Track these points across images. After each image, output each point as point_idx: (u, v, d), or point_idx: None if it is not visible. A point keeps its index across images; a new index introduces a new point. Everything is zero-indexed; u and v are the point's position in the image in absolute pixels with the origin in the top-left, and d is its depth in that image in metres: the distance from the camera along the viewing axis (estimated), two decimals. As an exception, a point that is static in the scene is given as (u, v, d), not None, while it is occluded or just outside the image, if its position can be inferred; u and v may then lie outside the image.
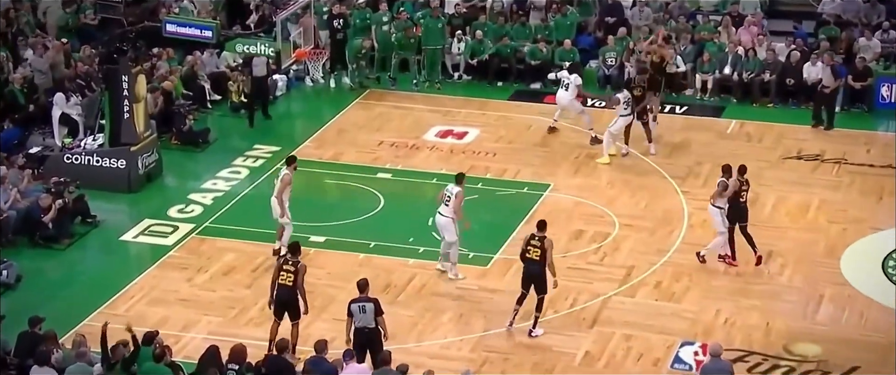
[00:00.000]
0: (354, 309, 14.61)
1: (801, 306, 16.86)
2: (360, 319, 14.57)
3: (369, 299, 14.67)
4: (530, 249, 15.70)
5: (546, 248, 15.65)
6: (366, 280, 14.93)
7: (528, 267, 15.78)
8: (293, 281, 15.12)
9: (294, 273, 15.11)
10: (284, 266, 15.18)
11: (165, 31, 20.31)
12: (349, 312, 14.65)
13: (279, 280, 15.20)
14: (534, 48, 25.16)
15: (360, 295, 14.73)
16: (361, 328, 14.59)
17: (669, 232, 18.86)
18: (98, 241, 18.92)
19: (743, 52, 24.56)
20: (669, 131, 22.78)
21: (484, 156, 21.76)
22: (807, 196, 20.07)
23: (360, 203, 19.87)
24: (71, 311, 16.52)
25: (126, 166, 20.30)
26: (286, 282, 15.15)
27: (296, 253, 15.37)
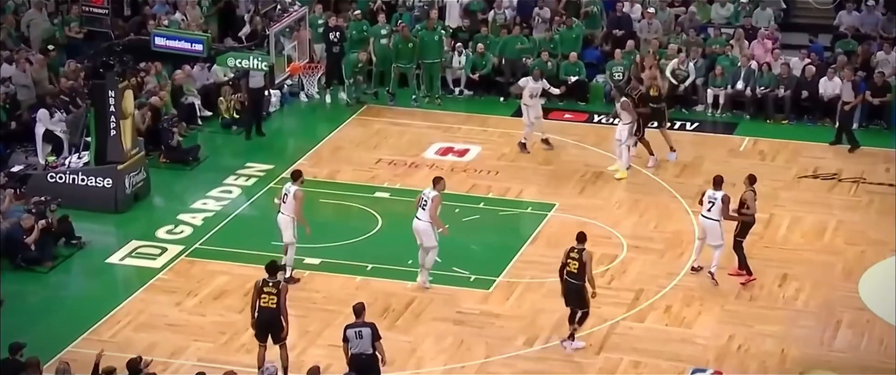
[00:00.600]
0: (351, 334, 14.58)
1: (818, 332, 16.82)
2: (356, 345, 14.54)
3: (366, 324, 14.64)
4: (570, 263, 15.92)
5: (585, 261, 15.81)
6: (362, 304, 14.91)
7: (568, 281, 15.98)
8: (276, 303, 15.10)
9: (276, 294, 15.11)
10: (264, 287, 15.17)
11: (154, 45, 20.30)
12: (345, 337, 14.62)
13: (260, 302, 15.17)
14: (538, 61, 25.18)
15: (357, 319, 14.71)
16: (358, 354, 14.56)
17: (679, 254, 18.83)
18: (83, 264, 18.90)
19: (756, 66, 24.59)
20: (679, 148, 22.76)
21: (486, 175, 21.76)
22: (823, 216, 20.05)
23: (357, 223, 19.85)
24: (54, 337, 16.47)
25: (112, 185, 20.29)
26: (268, 305, 15.13)
27: (274, 274, 15.35)
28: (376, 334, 14.55)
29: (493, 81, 25.47)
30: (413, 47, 24.81)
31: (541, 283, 17.89)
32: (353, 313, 14.83)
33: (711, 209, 17.77)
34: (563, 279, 15.99)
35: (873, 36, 25.49)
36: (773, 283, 17.98)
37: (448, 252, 18.80)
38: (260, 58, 20.54)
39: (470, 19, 26.47)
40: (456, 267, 18.40)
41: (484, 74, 25.47)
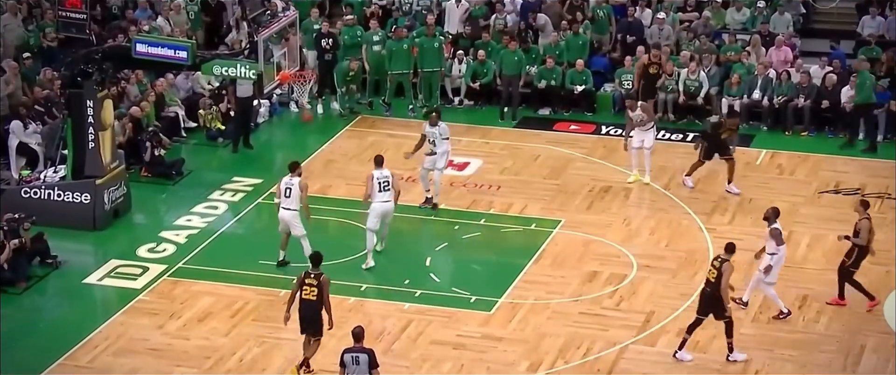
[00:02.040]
0: (348, 359, 14.59)
1: (841, 357, 16.83)
2: (353, 370, 14.54)
3: (364, 349, 14.65)
4: (711, 270, 16.44)
5: (723, 271, 16.19)
6: (361, 328, 14.91)
7: (705, 290, 16.47)
8: (317, 295, 15.57)
9: (317, 286, 15.59)
10: (306, 279, 15.67)
11: (135, 52, 20.34)
12: (342, 363, 14.62)
13: (302, 294, 15.68)
14: (542, 70, 25.24)
15: (355, 343, 14.70)
16: None
17: (693, 274, 18.85)
18: (59, 285, 18.89)
19: (774, 74, 24.64)
20: (691, 163, 22.79)
21: (487, 190, 21.78)
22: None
23: (350, 241, 19.86)
24: (28, 363, 16.46)
25: (91, 201, 20.30)
26: (310, 297, 15.65)
27: (317, 265, 15.84)
28: (374, 361, 14.56)
29: (495, 90, 25.50)
30: (409, 51, 24.85)
31: (545, 305, 17.90)
32: (349, 336, 14.81)
33: None
34: (703, 287, 16.59)
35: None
36: (793, 305, 17.98)
37: (448, 271, 18.85)
38: (248, 66, 20.58)
39: (471, 25, 26.52)
40: (456, 288, 18.42)
41: (484, 83, 25.53)
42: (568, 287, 18.45)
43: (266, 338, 17.19)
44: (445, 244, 19.90)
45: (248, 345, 17.01)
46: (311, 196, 20.56)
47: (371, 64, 25.15)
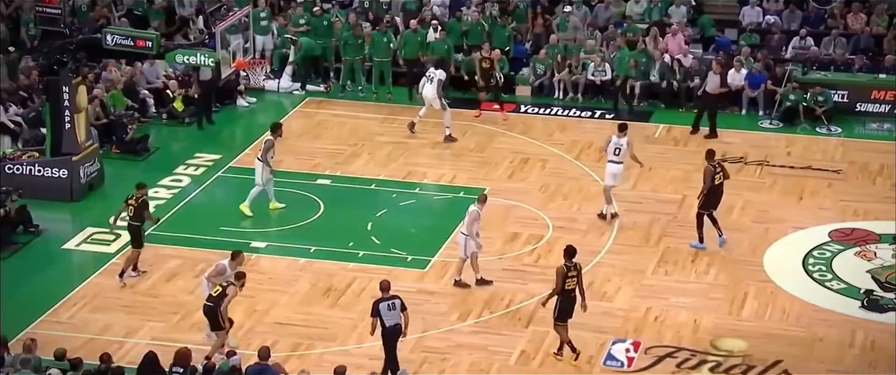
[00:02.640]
0: (383, 306, 14.68)
1: (727, 303, 17.08)
2: (390, 317, 14.65)
3: (396, 296, 14.78)
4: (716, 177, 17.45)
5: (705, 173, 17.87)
6: (388, 281, 14.98)
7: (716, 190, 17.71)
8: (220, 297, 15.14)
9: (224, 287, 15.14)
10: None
11: (106, 43, 20.03)
12: (376, 311, 14.65)
13: None
14: (468, 60, 25.15)
15: (385, 294, 14.79)
16: (394, 325, 14.68)
17: (600, 234, 18.99)
18: (41, 250, 18.62)
19: (669, 59, 24.80)
20: (600, 137, 22.92)
21: (421, 162, 21.74)
22: (731, 197, 20.25)
23: (300, 209, 19.76)
24: (14, 320, 16.21)
25: (68, 176, 20.00)
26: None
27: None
28: (404, 305, 14.74)
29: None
30: (362, 41, 24.67)
31: (473, 262, 17.92)
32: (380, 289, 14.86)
33: (619, 153, 18.57)
34: None
35: (774, 31, 25.82)
36: (686, 259, 18.21)
37: (386, 234, 18.84)
38: (207, 54, 20.35)
39: (404, 15, 26.37)
40: (394, 249, 18.41)
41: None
42: (492, 246, 18.51)
43: (227, 295, 17.04)
44: (385, 210, 19.88)
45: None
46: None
47: (303, 47, 25.00)
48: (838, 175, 21.23)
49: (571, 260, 15.39)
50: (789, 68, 24.34)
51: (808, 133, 23.14)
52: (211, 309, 15.13)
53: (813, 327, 16.49)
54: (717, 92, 22.86)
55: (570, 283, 15.30)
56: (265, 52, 25.72)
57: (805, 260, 18.23)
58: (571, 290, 15.34)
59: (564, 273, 15.27)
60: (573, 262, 15.39)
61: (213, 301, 15.13)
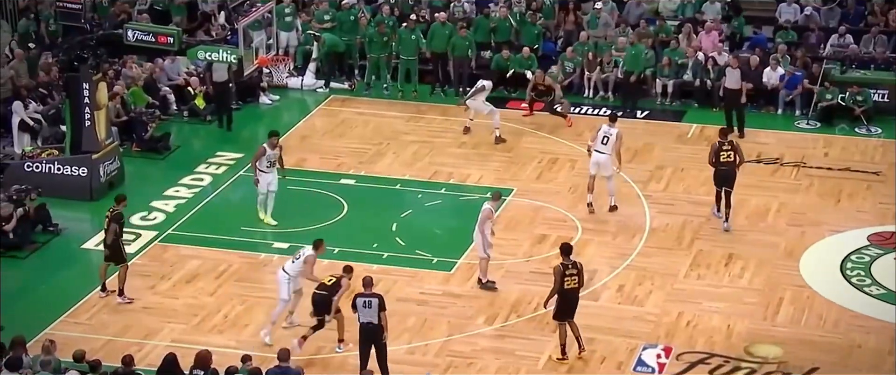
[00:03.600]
0: (360, 302, 14.78)
1: (762, 308, 17.01)
2: (364, 314, 14.73)
3: (375, 295, 14.84)
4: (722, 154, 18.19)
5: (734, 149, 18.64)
6: (371, 277, 15.10)
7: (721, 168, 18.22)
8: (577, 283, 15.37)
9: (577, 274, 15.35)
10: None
11: (127, 39, 20.17)
12: (354, 305, 14.80)
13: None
14: (498, 57, 25.20)
15: (365, 290, 14.87)
16: (366, 323, 14.77)
17: (631, 236, 18.96)
18: (60, 250, 18.77)
19: (703, 57, 24.72)
20: (631, 136, 22.89)
21: (447, 162, 21.77)
22: (767, 199, 20.24)
23: (323, 209, 19.83)
24: (32, 320, 16.36)
25: (87, 174, 20.15)
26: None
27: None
28: (382, 305, 14.72)
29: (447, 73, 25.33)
30: (387, 39, 24.72)
31: (499, 265, 17.95)
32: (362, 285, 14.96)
33: (607, 143, 18.81)
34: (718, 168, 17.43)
35: (812, 27, 25.69)
36: (719, 262, 18.16)
37: (411, 235, 18.87)
38: (229, 51, 20.44)
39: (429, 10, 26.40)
40: (419, 250, 18.45)
41: None
42: (520, 248, 18.53)
43: (248, 297, 17.17)
44: (410, 211, 19.92)
45: (232, 303, 16.99)
46: (289, 169, 20.55)
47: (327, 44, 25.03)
48: (878, 177, 21.10)
49: (569, 258, 15.39)
50: (827, 67, 24.21)
51: (846, 133, 23.02)
52: (324, 297, 15.27)
53: (850, 333, 16.41)
54: (738, 87, 22.77)
55: (569, 281, 15.29)
56: (289, 49, 25.82)
57: (843, 265, 18.13)
58: (572, 289, 15.32)
59: (562, 271, 15.29)
60: (571, 260, 15.38)
61: (326, 289, 15.30)
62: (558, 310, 15.44)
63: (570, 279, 15.29)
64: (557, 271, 15.34)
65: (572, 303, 15.44)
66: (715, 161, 18.82)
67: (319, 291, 15.45)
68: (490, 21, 25.89)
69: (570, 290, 15.32)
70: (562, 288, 15.28)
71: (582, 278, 15.45)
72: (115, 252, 16.80)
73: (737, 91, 22.81)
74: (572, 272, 15.32)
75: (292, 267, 15.99)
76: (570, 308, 15.43)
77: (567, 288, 15.29)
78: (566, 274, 15.27)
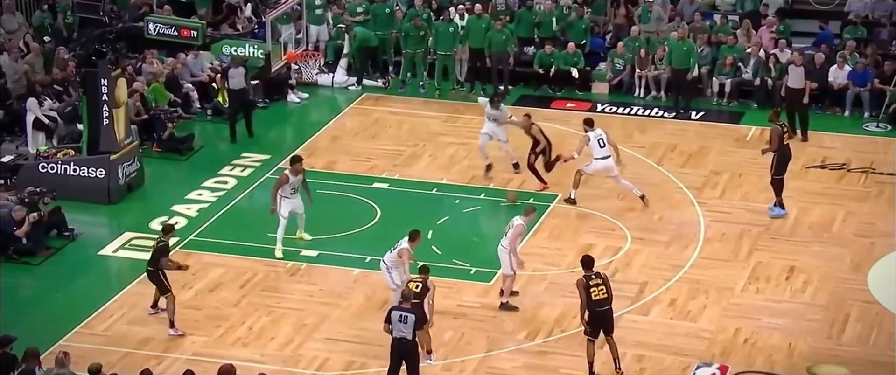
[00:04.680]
0: (395, 316, 14.73)
1: (826, 325, 16.85)
2: (398, 329, 14.69)
3: (412, 310, 14.80)
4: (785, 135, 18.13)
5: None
6: (411, 290, 15.16)
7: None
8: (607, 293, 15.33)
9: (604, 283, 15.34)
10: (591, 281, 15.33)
11: (148, 32, 20.32)
12: (388, 319, 14.77)
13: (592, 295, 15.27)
14: (541, 53, 25.16)
15: (403, 304, 14.87)
16: (399, 338, 14.73)
17: (685, 246, 18.85)
18: (75, 256, 18.91)
19: (764, 54, 24.56)
20: (685, 139, 22.80)
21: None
22: (832, 208, 20.06)
23: (354, 215, 19.86)
24: (46, 331, 16.48)
25: (105, 176, 20.29)
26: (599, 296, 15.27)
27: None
28: (419, 323, 14.73)
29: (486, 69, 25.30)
30: (424, 32, 24.71)
31: (542, 276, 17.91)
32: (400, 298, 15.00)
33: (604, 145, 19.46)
34: None
35: (883, 23, 25.45)
36: (780, 275, 18.01)
37: (448, 243, 18.86)
38: (256, 46, 20.54)
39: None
40: (456, 260, 18.43)
41: None
42: (564, 259, 18.47)
43: (274, 308, 17.22)
44: (447, 217, 19.91)
45: (257, 314, 17.05)
46: (318, 171, 20.66)
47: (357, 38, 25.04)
48: (953, 184, 20.89)
49: (591, 270, 15.35)
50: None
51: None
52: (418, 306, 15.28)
53: (923, 354, 16.23)
54: (801, 87, 22.59)
55: (596, 293, 15.21)
56: (319, 44, 25.91)
57: (914, 279, 17.95)
58: (600, 301, 15.24)
59: (585, 283, 15.23)
60: (593, 271, 15.35)
61: (417, 298, 15.29)
62: (589, 325, 15.37)
63: (597, 290, 15.23)
64: (580, 284, 15.27)
65: (603, 318, 15.35)
66: (781, 145, 19.04)
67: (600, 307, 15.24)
68: (534, 14, 25.86)
69: (598, 302, 15.26)
70: (589, 300, 15.22)
71: (609, 288, 15.38)
72: (158, 282, 16.48)
73: (800, 90, 22.64)
74: (597, 282, 15.25)
75: (389, 256, 16.43)
76: (602, 323, 15.35)
77: (595, 301, 15.24)
78: (591, 286, 15.21)
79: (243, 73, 22.54)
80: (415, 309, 14.82)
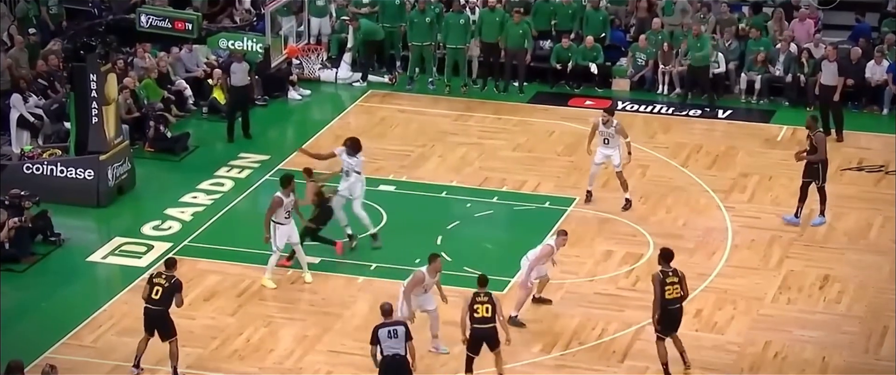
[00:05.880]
0: (383, 333, 14.74)
1: (863, 338, 16.83)
2: (389, 345, 14.70)
3: (400, 322, 14.85)
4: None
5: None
6: (390, 303, 15.09)
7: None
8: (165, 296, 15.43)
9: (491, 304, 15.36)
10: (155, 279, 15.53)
11: (139, 25, 20.38)
12: (375, 339, 14.74)
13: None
14: (558, 47, 25.19)
15: (386, 319, 14.86)
16: (393, 354, 14.75)
17: (711, 253, 18.86)
18: (62, 263, 18.96)
19: (796, 49, 24.55)
20: (711, 139, 22.79)
21: (500, 167, 21.77)
22: (868, 212, 20.05)
23: (357, 220, 19.88)
24: (31, 342, 16.53)
25: (94, 177, 20.36)
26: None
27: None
28: (409, 333, 14.75)
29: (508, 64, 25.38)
30: (431, 21, 24.73)
31: (559, 285, 17.92)
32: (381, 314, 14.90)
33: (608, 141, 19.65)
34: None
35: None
36: (813, 285, 18.00)
37: (459, 250, 18.88)
38: (255, 39, 20.58)
39: None
40: (467, 267, 18.43)
41: None
42: (582, 266, 18.48)
43: (273, 318, 17.26)
44: (457, 222, 19.94)
45: (255, 325, 17.08)
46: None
47: (362, 30, 25.08)
48: None
49: (668, 265, 15.50)
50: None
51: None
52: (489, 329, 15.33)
53: (966, 369, 16.21)
54: (835, 84, 22.58)
55: (671, 291, 15.37)
56: (321, 37, 25.99)
57: (958, 289, 17.92)
58: (674, 299, 15.41)
59: (661, 279, 15.41)
60: (671, 267, 15.49)
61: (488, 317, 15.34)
62: (661, 323, 15.60)
63: (672, 288, 15.45)
64: (657, 280, 15.50)
65: (675, 316, 15.56)
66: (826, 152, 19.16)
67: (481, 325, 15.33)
68: (549, 5, 25.89)
69: (671, 301, 15.48)
70: (663, 298, 15.39)
71: (685, 287, 15.59)
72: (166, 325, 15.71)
73: (833, 88, 22.64)
74: (673, 280, 15.47)
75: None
76: (672, 321, 15.59)
77: (670, 299, 15.46)
78: (666, 283, 15.41)
79: (246, 69, 22.60)
80: (402, 322, 14.82)
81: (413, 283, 16.01)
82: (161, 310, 15.57)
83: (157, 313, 15.60)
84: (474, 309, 15.35)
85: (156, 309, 15.56)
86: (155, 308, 15.56)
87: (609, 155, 19.91)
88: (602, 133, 19.80)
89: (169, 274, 15.67)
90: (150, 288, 15.58)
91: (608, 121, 19.82)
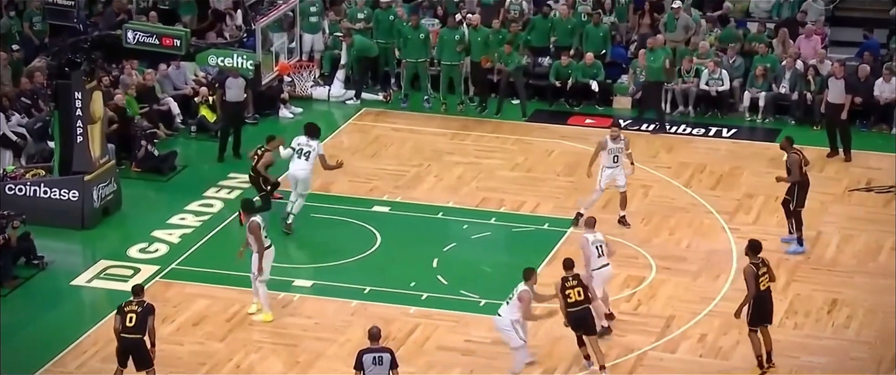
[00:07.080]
0: (368, 359, 14.65)
1: (873, 364, 16.86)
2: (372, 370, 14.63)
3: (385, 349, 14.77)
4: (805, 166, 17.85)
5: None
6: (378, 328, 14.94)
7: None
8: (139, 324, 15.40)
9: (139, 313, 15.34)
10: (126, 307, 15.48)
11: (126, 41, 20.43)
12: (359, 364, 14.67)
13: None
14: (557, 65, 25.27)
15: (373, 343, 14.76)
16: None
17: (715, 276, 18.90)
18: (46, 286, 18.96)
19: (802, 66, 24.65)
20: (715, 159, 22.86)
21: (498, 187, 21.82)
22: (878, 235, 20.09)
23: (353, 241, 19.93)
24: (13, 368, 16.53)
25: (79, 198, 20.38)
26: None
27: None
28: (394, 361, 14.68)
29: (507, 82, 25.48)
30: (426, 40, 24.81)
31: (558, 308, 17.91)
32: (368, 337, 14.81)
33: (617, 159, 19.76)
34: None
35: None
36: (821, 309, 18.04)
37: (455, 272, 18.91)
38: (245, 56, 20.62)
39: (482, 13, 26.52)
40: (464, 291, 18.48)
41: None
42: (583, 290, 18.49)
43: (263, 343, 17.26)
44: (454, 244, 19.98)
45: (245, 351, 17.09)
46: (313, 193, 20.68)
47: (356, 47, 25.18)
48: None
49: (758, 256, 16.07)
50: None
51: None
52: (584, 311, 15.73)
53: (978, 396, 16.25)
54: (842, 102, 22.67)
55: (763, 282, 15.98)
56: (314, 54, 26.07)
57: (970, 314, 17.96)
58: (767, 290, 16.05)
59: (754, 272, 15.98)
60: (759, 258, 16.06)
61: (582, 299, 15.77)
62: (754, 315, 16.09)
63: (764, 278, 15.99)
64: (750, 273, 15.98)
65: (769, 305, 16.18)
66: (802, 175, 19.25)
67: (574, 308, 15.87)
68: (548, 21, 25.99)
69: (766, 291, 16.08)
70: (758, 290, 15.95)
71: (772, 275, 16.21)
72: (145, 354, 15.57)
73: (840, 106, 22.73)
74: (763, 270, 16.01)
75: (508, 309, 15.99)
76: (766, 310, 16.17)
77: (763, 290, 16.04)
78: (759, 275, 15.94)
79: (243, 85, 22.63)
80: (387, 348, 14.77)
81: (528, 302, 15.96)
82: (138, 339, 15.44)
83: (133, 342, 15.45)
84: (567, 295, 15.85)
85: (132, 338, 15.43)
86: (131, 336, 15.42)
87: (614, 176, 19.91)
88: (611, 151, 19.76)
89: (140, 300, 15.57)
90: (122, 317, 15.43)
91: (617, 136, 19.82)
